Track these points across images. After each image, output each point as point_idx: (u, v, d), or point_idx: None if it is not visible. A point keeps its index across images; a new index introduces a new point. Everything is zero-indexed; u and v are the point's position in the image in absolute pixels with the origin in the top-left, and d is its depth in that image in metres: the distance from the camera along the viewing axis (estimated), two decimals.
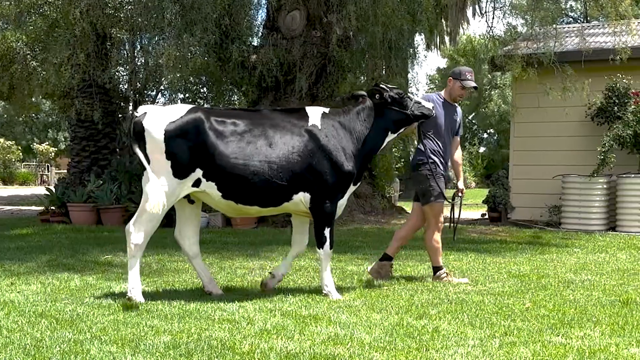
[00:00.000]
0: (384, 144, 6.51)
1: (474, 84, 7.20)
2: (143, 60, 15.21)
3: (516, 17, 17.38)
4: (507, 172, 14.41)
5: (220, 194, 5.86)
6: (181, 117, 5.81)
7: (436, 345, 4.28)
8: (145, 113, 5.91)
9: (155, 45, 12.81)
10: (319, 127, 6.06)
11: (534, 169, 13.53)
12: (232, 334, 4.54)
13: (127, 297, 5.70)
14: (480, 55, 30.79)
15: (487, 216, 14.67)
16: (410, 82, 17.73)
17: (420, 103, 6.48)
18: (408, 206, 20.53)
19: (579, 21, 28.84)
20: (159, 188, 5.70)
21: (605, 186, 12.21)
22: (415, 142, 7.24)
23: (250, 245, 9.91)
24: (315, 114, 6.17)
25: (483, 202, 15.20)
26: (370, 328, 4.73)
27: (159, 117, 5.83)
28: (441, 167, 7.05)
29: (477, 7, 14.92)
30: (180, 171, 5.75)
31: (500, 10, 14.96)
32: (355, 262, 8.28)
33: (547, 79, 12.56)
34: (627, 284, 6.75)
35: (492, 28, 14.65)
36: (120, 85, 16.77)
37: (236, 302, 5.65)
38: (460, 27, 15.56)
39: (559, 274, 7.43)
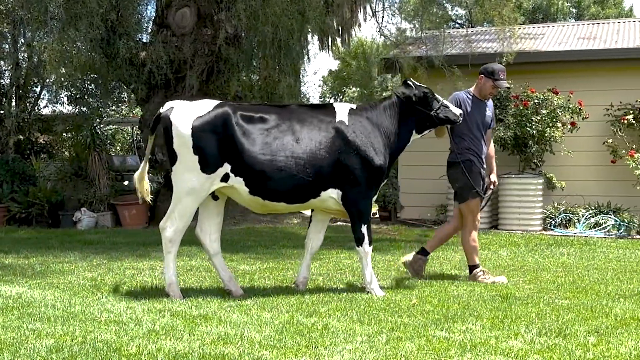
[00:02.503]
0: (409, 143, 6.45)
1: (507, 85, 7.12)
2: (26, 55, 14.63)
3: (405, 21, 17.84)
4: (396, 172, 14.74)
5: (248, 189, 5.82)
6: (208, 112, 5.77)
7: (325, 342, 4.33)
8: (172, 108, 5.83)
9: (39, 40, 12.32)
10: (347, 123, 6.02)
11: (421, 169, 13.88)
12: (119, 335, 4.43)
13: (166, 292, 5.85)
14: (371, 57, 31.40)
15: (377, 215, 14.95)
16: (302, 82, 17.85)
17: (448, 107, 6.38)
18: None
19: (464, 26, 29.87)
20: (188, 183, 5.71)
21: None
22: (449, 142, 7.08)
23: (140, 246, 9.71)
24: (342, 110, 6.15)
25: (374, 201, 15.48)
26: (260, 327, 4.73)
27: (186, 112, 5.77)
28: (477, 165, 6.97)
29: (368, 9, 15.22)
30: (208, 166, 5.70)
31: (391, 13, 15.31)
32: (248, 261, 8.27)
33: (434, 82, 12.95)
34: (507, 279, 7.05)
35: (382, 28, 14.97)
36: (2, 80, 16.06)
37: (124, 303, 5.52)
38: (352, 29, 15.82)
39: (445, 270, 7.67)
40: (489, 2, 13.06)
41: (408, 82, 6.36)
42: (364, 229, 6.10)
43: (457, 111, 6.43)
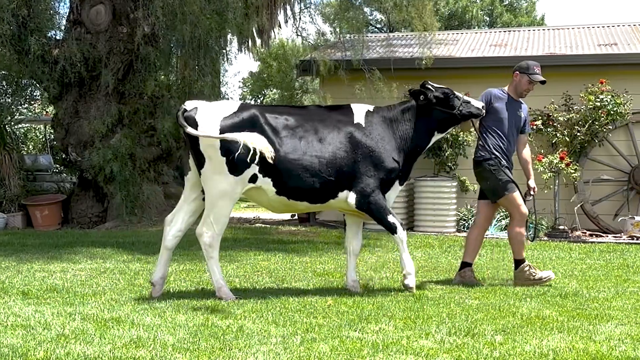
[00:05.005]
0: (430, 144, 6.47)
1: (542, 78, 6.98)
2: None
3: (326, 23, 18.02)
4: None
5: (275, 190, 5.82)
6: (234, 112, 5.73)
7: (240, 344, 4.33)
8: (196, 109, 5.73)
9: None
10: (363, 125, 6.06)
11: None
12: (26, 340, 4.31)
13: (217, 297, 5.81)
14: (292, 59, 31.46)
15: (296, 217, 14.99)
16: (222, 83, 17.74)
17: (469, 102, 6.39)
18: None
19: (383, 31, 30.29)
20: (219, 186, 5.67)
21: (404, 188, 12.91)
22: (476, 139, 6.96)
23: (52, 248, 9.46)
24: (360, 111, 6.17)
25: None
26: (174, 329, 4.69)
27: (212, 114, 5.70)
28: (504, 162, 6.86)
29: (288, 11, 15.27)
30: (236, 168, 5.65)
31: (309, 16, 15.41)
32: None
33: (353, 84, 13.15)
34: (420, 280, 7.20)
35: (300, 30, 15.10)
36: None
37: (32, 306, 5.38)
38: (272, 31, 15.84)
39: (361, 271, 7.76)
40: (411, 6, 13.31)
41: (427, 84, 6.35)
42: (390, 218, 6.14)
43: (479, 104, 6.49)
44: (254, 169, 5.75)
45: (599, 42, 14.62)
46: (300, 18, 15.14)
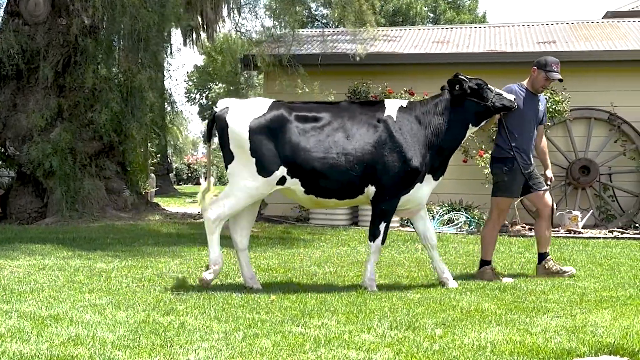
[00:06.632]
0: (466, 137, 6.38)
1: (559, 76, 6.91)
2: None
3: (269, 19, 17.95)
4: None
5: (304, 189, 5.81)
6: (264, 113, 5.69)
7: (181, 340, 4.29)
8: (227, 108, 5.72)
9: None
10: (394, 120, 5.98)
11: None
12: None
13: (206, 275, 6.12)
14: (236, 54, 31.29)
15: None
16: (165, 76, 17.55)
17: (501, 94, 6.33)
18: (164, 202, 20.28)
19: (329, 26, 30.34)
20: (245, 183, 5.70)
21: None
22: (495, 136, 6.88)
23: None
24: (392, 106, 6.09)
25: None
26: (114, 326, 4.62)
27: (242, 113, 5.68)
28: (521, 163, 6.80)
29: (231, 5, 15.19)
30: (264, 169, 5.67)
31: (248, 10, 15.36)
32: (105, 259, 8.04)
33: (293, 79, 13.18)
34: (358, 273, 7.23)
35: (239, 25, 15.04)
36: None
37: None
38: (217, 24, 15.76)
39: (304, 266, 7.78)
40: (351, 4, 13.41)
41: (459, 75, 6.31)
42: (382, 226, 6.19)
43: (511, 97, 6.45)
44: (282, 171, 5.80)
45: (538, 39, 14.93)
46: (239, 14, 15.07)
